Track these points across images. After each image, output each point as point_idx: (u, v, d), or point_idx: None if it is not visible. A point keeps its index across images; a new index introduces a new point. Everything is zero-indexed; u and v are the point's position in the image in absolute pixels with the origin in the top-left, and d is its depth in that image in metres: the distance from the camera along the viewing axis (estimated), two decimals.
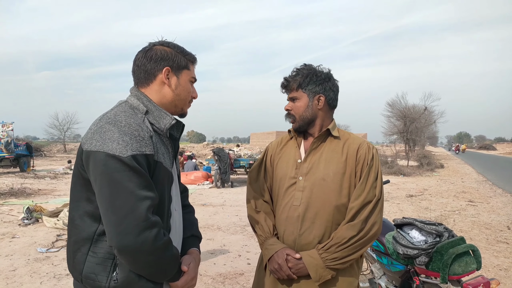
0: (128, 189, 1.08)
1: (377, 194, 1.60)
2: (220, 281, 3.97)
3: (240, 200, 9.49)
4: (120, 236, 1.06)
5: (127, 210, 1.07)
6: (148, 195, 1.11)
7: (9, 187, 10.62)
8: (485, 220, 7.27)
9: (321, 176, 1.63)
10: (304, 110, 1.67)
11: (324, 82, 1.68)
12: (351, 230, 1.55)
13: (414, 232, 2.60)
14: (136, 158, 1.12)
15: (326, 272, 1.55)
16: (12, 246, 5.13)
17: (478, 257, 2.43)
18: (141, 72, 1.31)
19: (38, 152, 30.07)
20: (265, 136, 74.51)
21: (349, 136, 1.72)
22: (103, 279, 1.16)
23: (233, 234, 6.03)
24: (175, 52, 1.33)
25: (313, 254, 1.58)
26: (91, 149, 1.13)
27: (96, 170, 1.11)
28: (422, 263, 2.45)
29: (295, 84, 1.68)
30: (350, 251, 1.55)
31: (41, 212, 6.72)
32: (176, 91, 1.33)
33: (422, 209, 8.39)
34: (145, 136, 1.18)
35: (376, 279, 3.03)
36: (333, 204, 1.61)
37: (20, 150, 17.21)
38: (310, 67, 1.70)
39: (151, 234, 1.09)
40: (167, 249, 1.17)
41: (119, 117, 1.19)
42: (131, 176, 1.09)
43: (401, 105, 27.62)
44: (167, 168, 1.27)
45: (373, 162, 1.62)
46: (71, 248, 1.23)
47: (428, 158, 21.82)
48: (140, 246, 1.08)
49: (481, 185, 13.55)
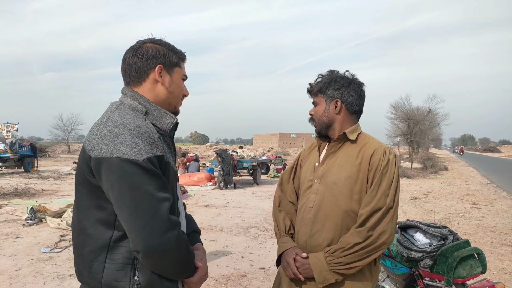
0: (149, 192, 1.08)
1: (388, 202, 1.55)
2: (223, 283, 3.96)
3: (243, 202, 9.48)
4: (147, 239, 1.06)
5: (150, 213, 1.07)
6: (166, 196, 1.12)
7: (13, 187, 10.67)
8: (489, 223, 7.22)
9: (333, 180, 1.65)
10: (321, 114, 1.73)
11: (342, 87, 1.70)
12: (357, 236, 1.54)
13: (419, 234, 2.58)
14: (151, 160, 1.12)
15: (330, 276, 1.55)
16: (16, 246, 5.15)
17: (483, 261, 2.41)
18: (132, 70, 1.28)
19: (42, 153, 30.23)
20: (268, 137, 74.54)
21: (368, 140, 1.70)
22: (126, 284, 1.14)
23: (236, 235, 6.02)
24: (167, 49, 1.31)
25: (319, 256, 1.59)
26: (102, 155, 1.10)
27: (112, 176, 1.09)
28: (426, 266, 2.44)
29: (316, 89, 1.75)
30: (355, 258, 1.54)
31: (44, 212, 6.75)
32: (170, 89, 1.31)
33: (426, 212, 8.35)
34: (155, 138, 1.17)
35: (380, 282, 3.01)
36: (343, 208, 1.61)
37: (25, 151, 17.29)
38: (332, 73, 1.75)
39: (173, 234, 1.10)
40: (187, 247, 1.19)
41: (126, 120, 1.16)
42: (149, 179, 1.09)
43: (405, 107, 27.61)
44: (174, 168, 1.28)
45: (387, 168, 1.58)
46: (86, 258, 1.19)
47: (432, 161, 21.71)
48: (166, 247, 1.08)
49: (485, 187, 13.47)
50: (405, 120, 27.18)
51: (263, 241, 5.65)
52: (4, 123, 17.58)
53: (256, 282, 4.00)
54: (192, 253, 1.23)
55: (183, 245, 1.15)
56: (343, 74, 1.74)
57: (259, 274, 4.25)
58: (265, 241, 5.66)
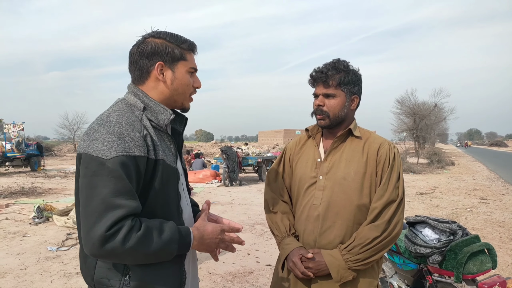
0: (101, 195, 1.02)
1: (400, 194, 1.58)
2: (229, 280, 3.95)
3: (249, 199, 9.47)
4: (88, 245, 1.03)
5: (95, 219, 1.02)
6: (122, 203, 1.03)
7: (20, 186, 10.75)
8: (498, 218, 7.15)
9: (342, 175, 1.61)
10: (340, 109, 1.63)
11: (360, 83, 1.67)
12: (375, 230, 1.53)
13: (427, 230, 2.55)
14: (121, 160, 1.06)
15: (348, 273, 1.54)
16: (23, 245, 5.18)
17: (494, 256, 2.37)
18: (135, 69, 1.26)
19: (49, 152, 30.45)
20: (273, 134, 74.47)
21: (370, 135, 1.69)
22: (116, 283, 1.12)
23: (242, 232, 5.99)
24: (167, 43, 1.24)
25: (335, 254, 1.56)
26: (79, 151, 1.12)
27: (81, 171, 1.09)
28: (435, 261, 2.40)
29: (335, 81, 1.60)
30: (373, 252, 1.53)
31: (51, 211, 6.78)
32: (173, 86, 1.25)
33: (433, 207, 8.29)
34: (135, 136, 1.11)
35: (388, 278, 2.98)
36: (355, 203, 1.59)
37: (31, 150, 17.41)
38: (346, 64, 1.64)
39: (117, 241, 1.01)
40: (143, 243, 1.06)
41: (111, 117, 1.14)
42: (108, 181, 1.03)
43: (410, 102, 27.42)
44: (171, 165, 1.22)
45: (394, 162, 1.61)
46: (82, 253, 1.20)
47: (438, 156, 21.57)
48: (110, 255, 1.03)
49: (493, 182, 13.35)
50: (410, 115, 26.99)
51: (269, 238, 5.64)
52: (10, 123, 17.69)
53: (262, 279, 3.99)
54: (162, 242, 1.09)
55: (135, 245, 1.03)
56: (350, 66, 1.67)
57: (266, 271, 4.24)
58: (271, 238, 5.64)
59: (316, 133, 1.76)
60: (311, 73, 1.68)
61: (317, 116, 1.67)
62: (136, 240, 1.04)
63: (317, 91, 1.66)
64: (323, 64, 1.66)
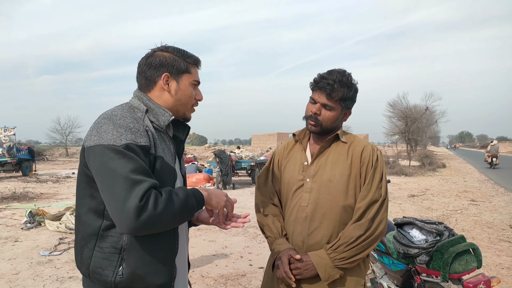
0: (123, 174, 1.10)
1: (383, 194, 1.64)
2: (222, 283, 3.98)
3: (242, 202, 9.49)
4: (125, 222, 1.07)
5: (125, 195, 1.08)
6: (144, 178, 1.11)
7: (11, 191, 10.63)
8: (487, 219, 7.26)
9: (327, 177, 1.67)
10: (334, 121, 1.69)
11: (356, 98, 1.72)
12: (359, 229, 1.58)
13: (415, 231, 2.61)
14: (130, 146, 1.15)
15: (335, 272, 1.58)
16: (15, 250, 5.15)
17: (479, 256, 2.43)
18: (142, 79, 1.36)
19: (40, 156, 30.14)
20: (266, 138, 74.49)
21: (354, 138, 1.76)
22: (109, 273, 1.19)
23: (235, 235, 6.03)
24: (175, 56, 1.35)
25: (322, 254, 1.60)
26: (90, 145, 1.17)
27: (96, 163, 1.15)
28: (422, 262, 2.46)
29: (337, 96, 1.64)
30: (358, 250, 1.58)
31: (43, 215, 6.74)
32: (176, 96, 1.35)
33: (424, 209, 8.38)
34: (139, 129, 1.21)
35: (378, 279, 3.03)
36: (340, 204, 1.64)
37: (22, 155, 17.24)
38: (351, 80, 1.67)
39: (149, 209, 1.08)
40: (170, 204, 1.14)
41: (115, 112, 1.24)
42: (126, 162, 1.11)
43: (402, 105, 27.64)
44: (169, 164, 1.29)
45: (377, 163, 1.66)
46: (78, 244, 1.27)
47: (430, 158, 21.77)
48: (146, 223, 1.08)
49: (483, 184, 13.52)
50: (402, 118, 27.22)
51: (262, 241, 5.67)
52: (1, 127, 17.52)
53: (255, 281, 4.02)
54: (181, 201, 1.17)
55: (164, 208, 1.11)
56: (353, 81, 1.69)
57: (258, 273, 4.27)
58: (264, 241, 5.67)
59: (303, 138, 1.82)
60: (316, 79, 1.68)
61: (309, 121, 1.70)
62: (164, 203, 1.12)
63: (317, 98, 1.67)
64: (329, 73, 1.67)
